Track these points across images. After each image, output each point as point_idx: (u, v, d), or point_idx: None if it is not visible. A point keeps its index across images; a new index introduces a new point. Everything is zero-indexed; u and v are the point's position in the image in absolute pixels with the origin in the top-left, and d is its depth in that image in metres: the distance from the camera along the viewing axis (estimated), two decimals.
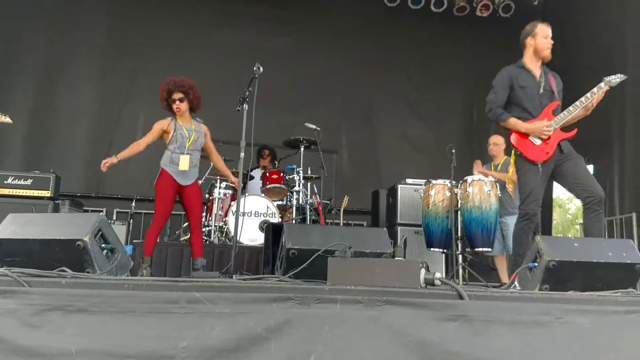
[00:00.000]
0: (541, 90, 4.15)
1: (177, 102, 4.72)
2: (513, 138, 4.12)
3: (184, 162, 4.63)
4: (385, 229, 3.46)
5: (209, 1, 8.45)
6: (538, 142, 4.04)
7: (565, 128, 4.10)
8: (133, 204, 7.13)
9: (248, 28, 8.47)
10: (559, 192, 4.28)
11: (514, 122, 4.11)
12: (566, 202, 24.31)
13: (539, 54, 4.22)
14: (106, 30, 8.28)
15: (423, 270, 2.33)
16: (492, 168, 6.07)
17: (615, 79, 4.06)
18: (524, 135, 4.08)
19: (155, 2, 8.37)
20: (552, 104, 4.13)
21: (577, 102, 4.05)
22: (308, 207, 6.39)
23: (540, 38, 4.21)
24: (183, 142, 4.66)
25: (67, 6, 8.14)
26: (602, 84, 4.05)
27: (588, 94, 4.02)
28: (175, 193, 4.63)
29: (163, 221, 4.65)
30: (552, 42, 4.18)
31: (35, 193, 5.82)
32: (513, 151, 4.18)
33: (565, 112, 4.07)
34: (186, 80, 4.75)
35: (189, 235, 6.07)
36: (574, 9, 7.48)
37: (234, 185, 5.45)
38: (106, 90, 8.20)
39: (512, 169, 4.31)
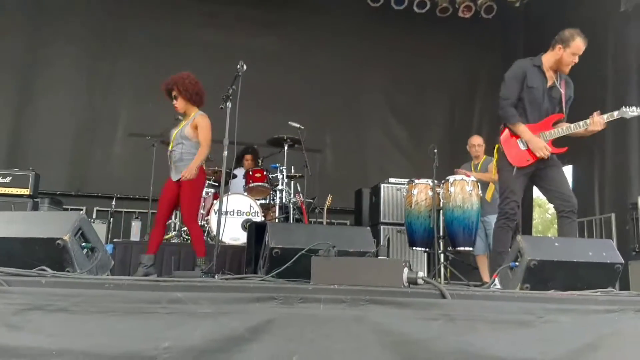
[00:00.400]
0: (552, 95, 4.10)
1: (173, 100, 4.67)
2: (503, 136, 4.12)
3: (170, 158, 4.60)
4: (368, 228, 3.46)
5: (188, 1, 8.38)
6: (524, 147, 4.05)
7: (556, 142, 4.09)
8: (113, 203, 7.06)
9: (232, 28, 8.43)
10: (538, 192, 4.32)
11: (522, 128, 4.04)
12: (545, 202, 24.53)
13: (560, 66, 4.08)
14: (87, 28, 8.18)
15: (406, 270, 2.34)
16: (472, 167, 6.12)
17: (633, 112, 3.97)
18: (514, 135, 4.08)
19: (138, 1, 8.29)
20: (556, 116, 4.11)
21: (582, 122, 4.02)
22: (291, 206, 6.38)
23: (569, 53, 4.01)
24: (171, 141, 4.66)
25: (46, 4, 8.02)
26: (615, 113, 3.98)
27: (594, 118, 3.96)
28: (170, 191, 4.54)
29: (159, 221, 4.57)
30: (577, 60, 4.03)
31: (14, 191, 5.72)
32: (497, 147, 4.19)
33: (565, 127, 4.06)
34: (174, 76, 4.64)
35: (169, 234, 6.05)
36: (555, 11, 7.56)
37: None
38: (86, 88, 8.11)
39: (494, 170, 4.33)
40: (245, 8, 8.46)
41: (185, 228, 6.04)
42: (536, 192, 5.19)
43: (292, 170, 6.59)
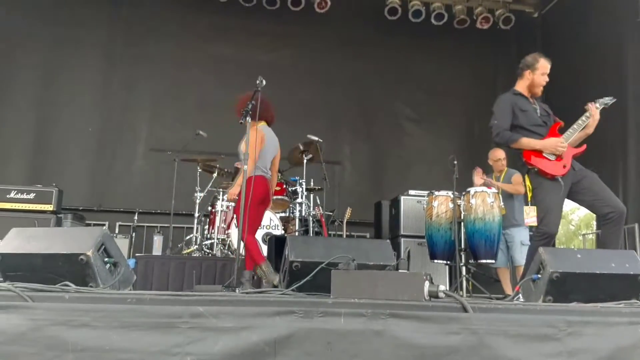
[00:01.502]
0: (539, 114, 4.18)
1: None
2: (527, 156, 4.08)
3: None
4: (388, 240, 3.45)
5: (205, 16, 8.51)
6: (552, 157, 4.02)
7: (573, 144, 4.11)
8: (135, 217, 7.14)
9: (246, 42, 8.56)
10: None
11: (526, 141, 4.06)
12: (569, 213, 24.24)
13: (533, 89, 4.22)
14: (106, 44, 8.36)
15: (427, 283, 2.32)
16: (494, 180, 6.06)
17: (606, 100, 4.15)
18: (538, 152, 4.05)
19: (153, 17, 8.45)
20: (556, 124, 4.15)
21: (580, 120, 4.08)
22: (311, 218, 6.38)
23: (539, 75, 4.18)
24: None
25: (66, 20, 8.22)
26: (597, 104, 4.11)
27: (588, 106, 4.09)
28: None
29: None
30: (547, 79, 4.19)
31: (38, 207, 5.82)
32: (527, 170, 4.13)
33: (570, 130, 4.08)
34: (237, 99, 4.73)
35: (191, 249, 6.10)
36: (572, 21, 7.51)
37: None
38: (106, 103, 8.27)
39: (529, 191, 4.22)
40: (262, 22, 8.55)
41: (206, 242, 6.09)
42: None
43: (312, 183, 6.60)
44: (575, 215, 24.24)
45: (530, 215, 5.46)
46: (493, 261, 5.28)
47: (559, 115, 4.31)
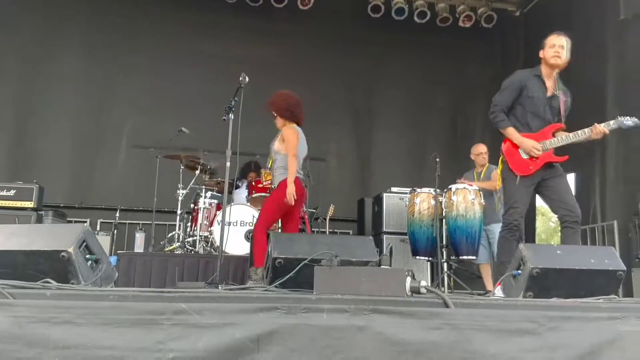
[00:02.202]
0: (549, 105, 4.15)
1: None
2: (505, 146, 4.16)
3: None
4: (371, 237, 3.47)
5: (191, 12, 8.45)
6: (525, 156, 4.08)
7: (557, 151, 4.12)
8: (117, 214, 7.08)
9: (230, 39, 8.49)
10: (541, 201, 4.32)
11: (511, 131, 4.12)
12: (548, 211, 24.51)
13: (548, 63, 4.15)
14: (87, 39, 8.25)
15: (409, 279, 2.34)
16: (475, 176, 6.13)
17: (629, 122, 4.00)
18: (516, 145, 4.12)
19: (136, 13, 8.36)
20: (556, 125, 4.15)
21: (580, 132, 4.05)
22: None
23: (547, 48, 4.15)
24: None
25: (46, 16, 8.09)
26: (611, 122, 4.01)
27: (594, 128, 3.97)
28: None
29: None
30: (557, 51, 4.09)
31: (18, 204, 5.76)
32: (501, 158, 4.23)
33: (564, 137, 4.08)
34: (270, 99, 4.81)
35: (173, 246, 6.07)
36: (555, 20, 7.60)
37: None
38: (88, 100, 8.16)
39: (499, 180, 4.33)
40: (245, 18, 8.51)
41: (189, 239, 6.06)
42: (539, 201, 5.19)
43: None
44: None
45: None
46: (474, 257, 5.34)
47: None
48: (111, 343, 2.04)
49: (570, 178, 7.08)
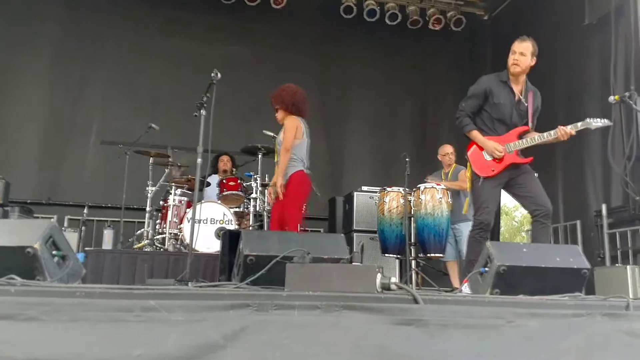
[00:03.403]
0: (514, 112, 4.22)
1: (276, 113, 4.79)
2: (470, 150, 4.24)
3: None
4: (342, 235, 3.49)
5: (160, 9, 8.36)
6: (488, 158, 4.16)
7: (523, 152, 4.22)
8: (85, 211, 6.94)
9: (202, 36, 8.43)
10: (505, 200, 4.44)
11: (475, 134, 4.23)
12: (512, 210, 25.08)
13: (511, 69, 4.22)
14: (56, 34, 8.06)
15: (379, 275, 2.37)
16: (443, 176, 6.24)
17: (598, 123, 4.08)
18: (481, 148, 4.20)
19: (107, 9, 8.21)
20: (521, 128, 4.23)
21: (545, 134, 4.14)
22: (265, 214, 6.36)
23: (510, 54, 4.23)
24: None
25: (15, 10, 7.87)
26: (579, 124, 4.09)
27: (559, 130, 4.06)
28: (278, 204, 4.59)
29: None
30: (517, 58, 4.17)
31: None
32: (468, 163, 4.31)
33: (529, 139, 4.16)
34: (275, 92, 4.77)
35: (142, 243, 5.98)
36: (522, 24, 7.75)
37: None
38: (56, 95, 7.96)
39: (468, 182, 4.40)
40: (217, 16, 8.45)
41: (158, 237, 5.99)
42: (503, 200, 5.30)
43: (266, 179, 6.58)
44: (519, 212, 25.11)
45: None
46: (442, 255, 5.43)
47: None
48: (78, 340, 2.01)
49: (540, 184, 7.25)
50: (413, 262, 5.39)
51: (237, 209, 6.29)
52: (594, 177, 6.62)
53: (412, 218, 5.43)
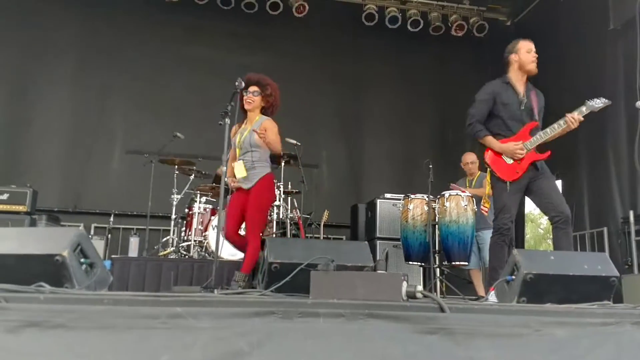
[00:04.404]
0: (522, 107, 4.21)
1: (250, 94, 4.49)
2: (487, 156, 4.21)
3: (238, 169, 4.42)
4: (366, 242, 3.48)
5: (186, 18, 8.47)
6: (510, 161, 4.12)
7: (539, 148, 4.17)
8: (111, 219, 7.06)
9: (224, 45, 8.55)
10: (530, 207, 4.40)
11: (490, 140, 4.20)
12: (538, 217, 24.70)
13: (524, 68, 4.25)
14: (80, 44, 8.25)
15: (405, 283, 2.35)
16: (467, 183, 6.17)
17: (599, 103, 4.09)
18: (498, 153, 4.16)
19: (131, 19, 8.37)
20: (531, 124, 4.20)
21: (555, 125, 4.10)
22: (288, 221, 6.39)
23: (523, 52, 4.25)
24: (237, 147, 4.49)
25: (40, 22, 8.09)
26: (583, 108, 4.08)
27: (567, 117, 4.04)
28: (239, 199, 4.42)
29: (232, 236, 4.42)
30: (535, 55, 4.24)
31: (12, 208, 5.72)
32: (488, 169, 4.27)
33: (542, 133, 4.13)
34: (269, 79, 4.61)
35: (168, 250, 6.05)
36: (545, 29, 7.67)
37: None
38: (81, 105, 8.16)
39: (488, 187, 4.37)
40: (238, 24, 8.54)
41: (183, 244, 6.04)
42: (528, 207, 5.23)
43: (289, 186, 6.61)
44: (544, 219, 24.67)
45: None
46: (466, 263, 5.36)
47: None
48: (105, 347, 2.03)
49: (557, 185, 7.13)
50: (437, 270, 5.34)
51: None
52: (620, 183, 6.49)
53: (436, 225, 5.38)
